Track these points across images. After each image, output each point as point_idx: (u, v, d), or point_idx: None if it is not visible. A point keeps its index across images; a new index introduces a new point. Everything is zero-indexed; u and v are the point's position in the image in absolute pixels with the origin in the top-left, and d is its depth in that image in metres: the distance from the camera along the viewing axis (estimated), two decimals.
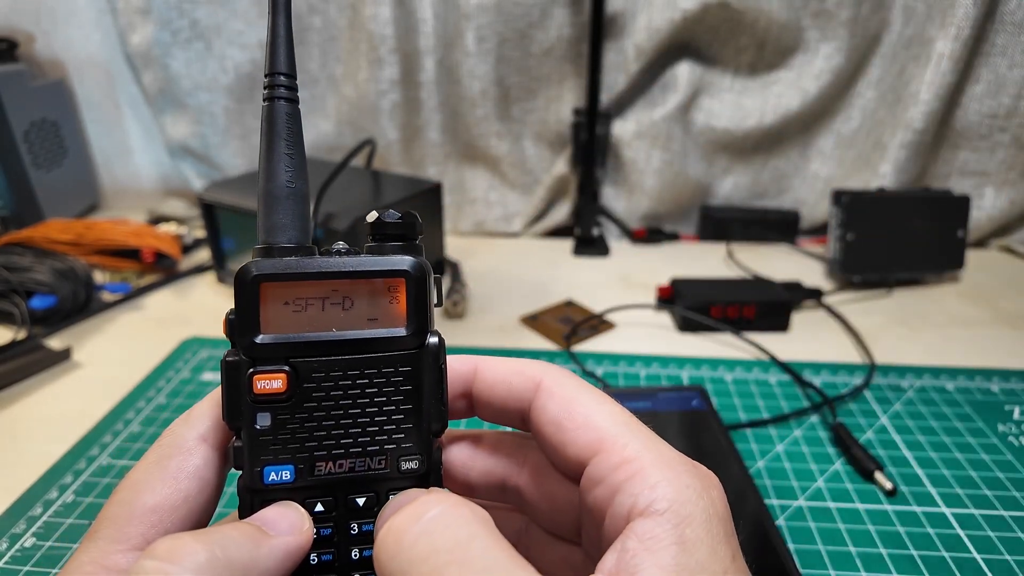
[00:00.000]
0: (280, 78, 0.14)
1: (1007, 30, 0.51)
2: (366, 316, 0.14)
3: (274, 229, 0.14)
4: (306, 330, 0.14)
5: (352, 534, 0.14)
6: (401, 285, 0.14)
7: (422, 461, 0.15)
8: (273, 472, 0.14)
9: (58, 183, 0.59)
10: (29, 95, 0.56)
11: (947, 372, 0.38)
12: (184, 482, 0.13)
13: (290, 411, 0.14)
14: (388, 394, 0.14)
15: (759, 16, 0.51)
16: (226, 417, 0.14)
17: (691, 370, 0.38)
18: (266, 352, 0.14)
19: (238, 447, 0.14)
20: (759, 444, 0.32)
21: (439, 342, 0.15)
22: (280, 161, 0.14)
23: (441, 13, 0.54)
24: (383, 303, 0.14)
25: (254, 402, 0.14)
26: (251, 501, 0.14)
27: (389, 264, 0.14)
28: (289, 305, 0.14)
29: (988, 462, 0.31)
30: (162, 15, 0.56)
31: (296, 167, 0.15)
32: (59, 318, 0.43)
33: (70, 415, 0.34)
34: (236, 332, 0.14)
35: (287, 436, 0.14)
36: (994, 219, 0.57)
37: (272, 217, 0.14)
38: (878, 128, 0.56)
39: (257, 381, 0.14)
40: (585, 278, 0.51)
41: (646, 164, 0.57)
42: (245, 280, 0.14)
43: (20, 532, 0.27)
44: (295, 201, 0.14)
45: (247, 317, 0.14)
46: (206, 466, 0.14)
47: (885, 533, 0.26)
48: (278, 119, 0.14)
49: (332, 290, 0.14)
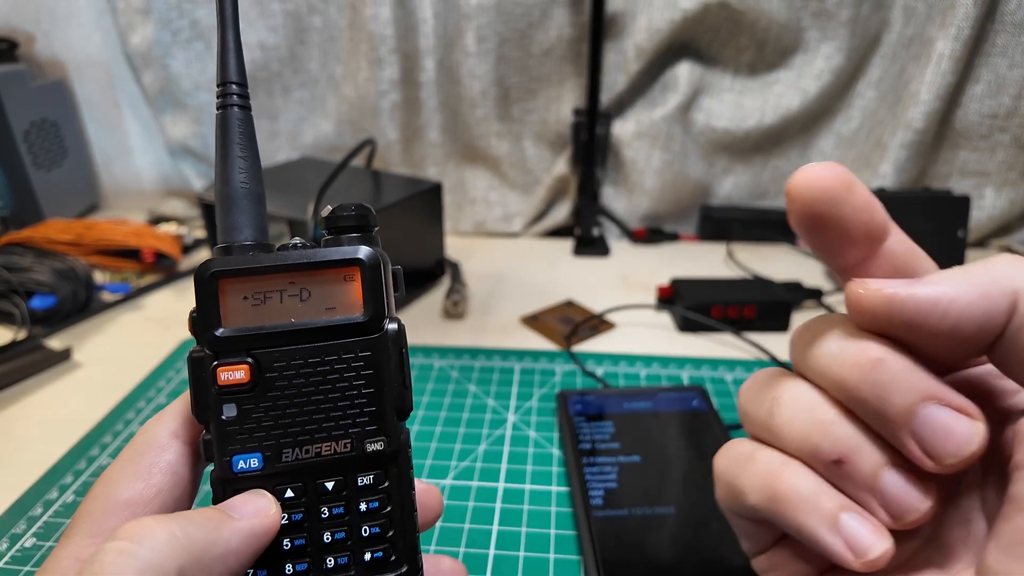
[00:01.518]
0: (232, 87, 0.15)
1: (1007, 30, 0.51)
2: (324, 305, 0.15)
3: (232, 229, 0.15)
4: (266, 322, 0.14)
5: (323, 517, 0.15)
6: (356, 273, 0.15)
7: (388, 442, 0.15)
8: (242, 460, 0.14)
9: (58, 183, 0.60)
10: (29, 95, 0.56)
11: None
12: (157, 477, 0.14)
13: (254, 400, 0.14)
14: (350, 379, 0.15)
15: (759, 16, 0.51)
16: (194, 411, 0.14)
17: (691, 370, 0.38)
18: (228, 345, 0.14)
19: (208, 440, 0.14)
20: None
21: (399, 328, 0.15)
22: (234, 164, 0.15)
23: (441, 13, 0.54)
24: (340, 291, 0.15)
25: (219, 394, 0.14)
26: (223, 491, 0.14)
27: (344, 253, 0.15)
28: (248, 299, 0.14)
29: None
30: (162, 15, 0.56)
31: (250, 169, 0.15)
32: (59, 318, 0.43)
33: (70, 415, 0.34)
34: (198, 328, 0.14)
35: (253, 425, 0.14)
36: (994, 219, 0.57)
37: (229, 218, 0.15)
38: (878, 128, 0.56)
39: (221, 373, 0.14)
40: (585, 278, 0.51)
41: (646, 164, 0.57)
42: (203, 277, 0.14)
43: (20, 532, 0.27)
44: (250, 201, 0.15)
45: (208, 313, 0.14)
46: (179, 461, 0.14)
47: None
48: (231, 125, 0.15)
49: (289, 282, 0.15)
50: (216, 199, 0.15)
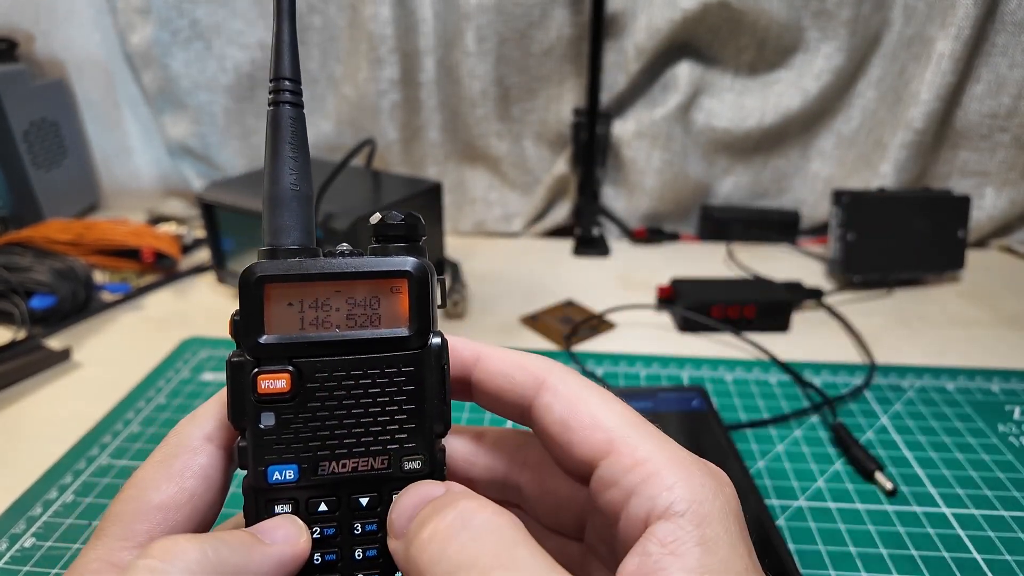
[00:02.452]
0: (285, 83, 0.15)
1: (1008, 30, 0.51)
2: (369, 317, 0.14)
3: (279, 231, 0.15)
4: (310, 330, 0.14)
5: (355, 534, 0.14)
6: (404, 285, 0.14)
7: (425, 461, 0.15)
8: (277, 472, 0.14)
9: (58, 183, 0.59)
10: (29, 95, 0.56)
11: (947, 372, 0.38)
12: (189, 481, 0.14)
13: (294, 411, 0.14)
14: (391, 394, 0.14)
15: (759, 16, 0.51)
16: (231, 417, 0.14)
17: (691, 370, 0.38)
18: (270, 352, 0.14)
19: (243, 447, 0.14)
20: (759, 444, 0.32)
21: (442, 343, 0.15)
22: (285, 164, 0.14)
23: (441, 13, 0.54)
24: (386, 303, 0.14)
25: (258, 402, 0.14)
26: (255, 501, 0.14)
27: (392, 265, 0.14)
28: (293, 306, 0.14)
29: (988, 462, 0.31)
30: (162, 15, 0.56)
31: (300, 170, 0.15)
32: (59, 318, 0.43)
33: (70, 415, 0.34)
34: (240, 333, 0.14)
35: (291, 436, 0.14)
36: (994, 219, 0.57)
37: (277, 219, 0.15)
38: (878, 128, 0.56)
39: (261, 381, 0.14)
40: (585, 278, 0.51)
41: (646, 164, 0.57)
42: (250, 281, 0.14)
43: (20, 532, 0.26)
44: (299, 203, 0.15)
45: (251, 318, 0.14)
46: (211, 465, 0.14)
47: (885, 533, 0.26)
48: (283, 123, 0.15)
49: (335, 291, 0.14)
50: (264, 199, 0.15)
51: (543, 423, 0.15)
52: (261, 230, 0.15)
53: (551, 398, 0.14)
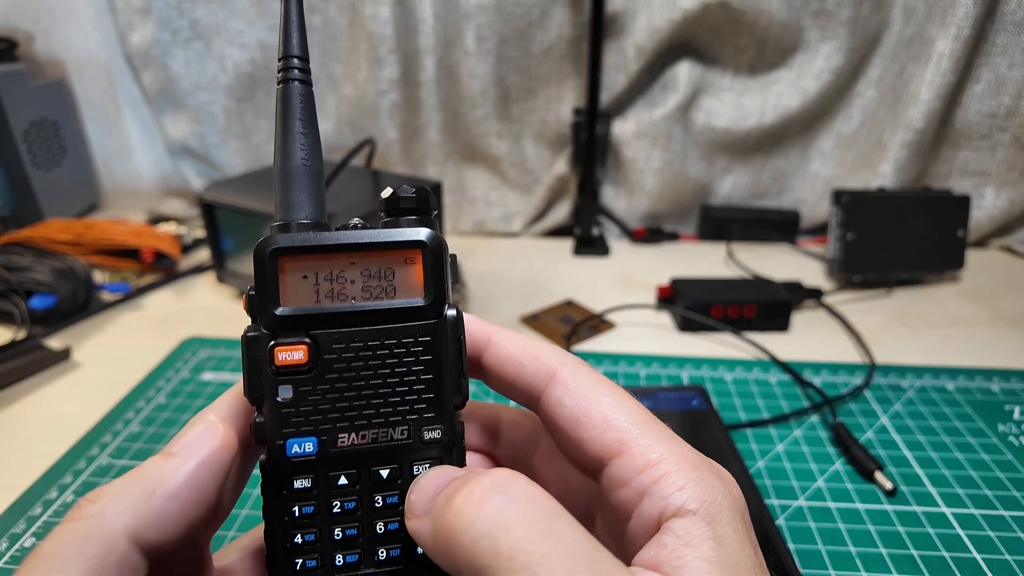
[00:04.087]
0: (294, 60, 0.15)
1: (1007, 30, 0.51)
2: (384, 287, 0.14)
3: (291, 206, 0.15)
4: (325, 302, 0.14)
5: (377, 507, 0.14)
6: (418, 255, 0.14)
7: (444, 431, 0.15)
8: (296, 445, 0.14)
9: (58, 183, 0.59)
10: (29, 95, 0.56)
11: (947, 372, 0.38)
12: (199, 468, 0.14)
13: (312, 383, 0.14)
14: (408, 364, 0.14)
15: (759, 16, 0.51)
16: (247, 392, 0.14)
17: (691, 370, 0.38)
18: (287, 324, 0.14)
19: (260, 423, 0.14)
20: (759, 444, 0.32)
21: (457, 314, 0.15)
22: (295, 140, 0.15)
23: (441, 13, 0.54)
24: (401, 274, 0.14)
25: (275, 374, 0.14)
26: (274, 476, 0.14)
27: (406, 235, 0.14)
28: (308, 278, 0.14)
29: (988, 462, 0.31)
30: (162, 15, 0.56)
31: (310, 146, 0.15)
32: (59, 318, 0.43)
33: (70, 415, 0.34)
34: (256, 306, 0.14)
35: (309, 408, 0.14)
36: (994, 219, 0.57)
37: (289, 195, 0.15)
38: (878, 128, 0.56)
39: (279, 353, 0.14)
40: (585, 278, 0.51)
41: (646, 164, 0.57)
42: (265, 254, 0.14)
43: (20, 532, 0.26)
44: (311, 179, 0.15)
45: (267, 290, 0.14)
46: (225, 449, 0.14)
47: (885, 533, 0.26)
48: (292, 99, 0.15)
49: (350, 262, 0.14)
50: (276, 175, 0.15)
51: (553, 417, 0.15)
52: (274, 206, 0.15)
53: (562, 393, 0.14)
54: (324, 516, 0.14)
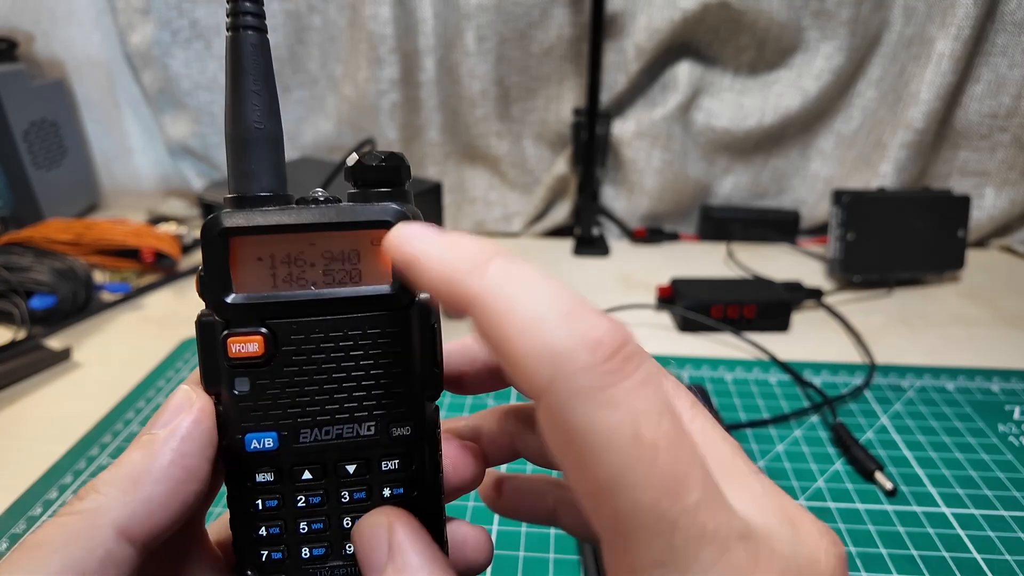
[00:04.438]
0: (245, 4, 0.13)
1: (1007, 30, 0.51)
2: (348, 272, 0.13)
3: (244, 176, 0.13)
4: (283, 288, 0.13)
5: (343, 502, 0.14)
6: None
7: (414, 427, 0.14)
8: (255, 440, 0.13)
9: (58, 183, 0.59)
10: (29, 95, 0.56)
11: (947, 372, 0.38)
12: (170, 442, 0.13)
13: (270, 376, 0.13)
14: (375, 357, 0.13)
15: (759, 16, 0.51)
16: (203, 381, 0.13)
17: (691, 370, 0.38)
18: (239, 313, 0.13)
19: (220, 411, 0.13)
20: (759, 444, 0.32)
21: (430, 299, 0.14)
22: (247, 99, 0.13)
23: (441, 13, 0.54)
24: (367, 258, 0.13)
25: (231, 366, 0.13)
26: (236, 472, 0.13)
27: (372, 213, 0.13)
28: (263, 261, 0.13)
29: (988, 462, 0.31)
30: (162, 15, 0.56)
31: (265, 105, 0.13)
32: (59, 318, 0.43)
33: (70, 415, 0.34)
34: (206, 291, 0.13)
35: (268, 402, 0.13)
36: (994, 219, 0.57)
37: (241, 163, 0.13)
38: (878, 128, 0.56)
39: (232, 344, 0.13)
40: (585, 278, 0.51)
41: (646, 164, 0.57)
42: (213, 234, 0.12)
43: (20, 532, 0.26)
44: (266, 145, 0.13)
45: (217, 275, 0.13)
46: (199, 420, 0.13)
47: (885, 533, 0.26)
48: (244, 52, 0.13)
49: (309, 244, 0.13)
50: (227, 141, 0.13)
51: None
52: (227, 175, 0.13)
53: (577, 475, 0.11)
54: (289, 509, 0.14)
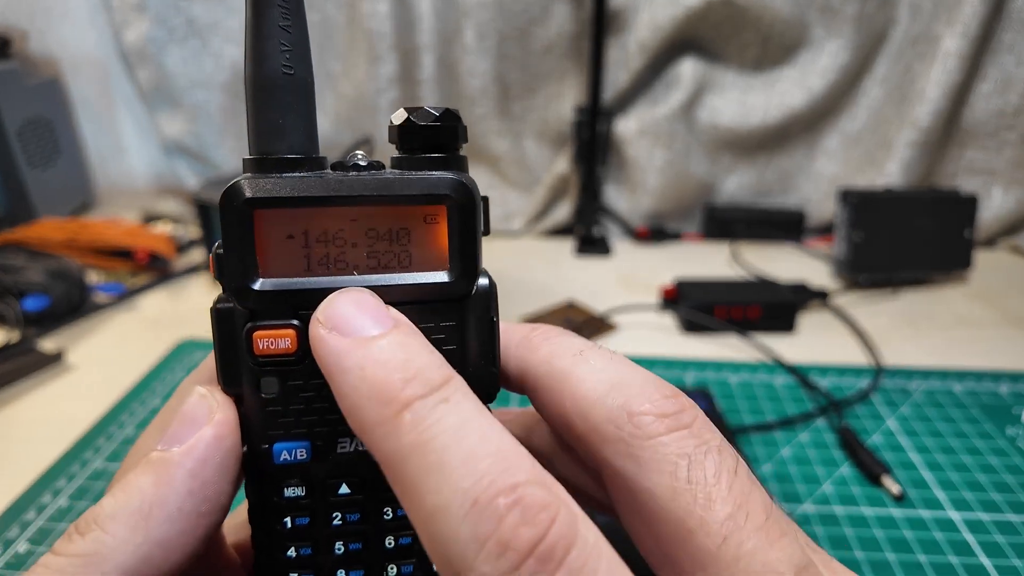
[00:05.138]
0: None
1: (1015, 27, 0.50)
2: (396, 255, 0.11)
3: (269, 133, 0.11)
4: (319, 272, 0.11)
5: (386, 519, 0.12)
6: (441, 213, 0.11)
7: None
8: (286, 451, 0.11)
9: (52, 182, 0.59)
10: (23, 93, 0.55)
11: (955, 374, 0.38)
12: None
13: (304, 376, 0.11)
14: None
15: (763, 12, 0.51)
16: (222, 381, 0.11)
17: (695, 373, 0.38)
18: (268, 302, 0.11)
19: (241, 416, 0.11)
20: (765, 448, 0.31)
21: (490, 286, 0.11)
22: (273, 36, 0.11)
23: (440, 9, 0.53)
24: (418, 237, 0.11)
25: (257, 364, 0.11)
26: (259, 485, 0.11)
27: (427, 185, 0.11)
28: (295, 239, 0.11)
29: (996, 466, 0.30)
30: (157, 12, 0.56)
31: (295, 44, 0.11)
32: (52, 319, 0.42)
33: (64, 418, 0.33)
34: (226, 275, 0.11)
35: (301, 407, 0.11)
36: (1002, 219, 0.56)
37: (266, 116, 0.11)
38: (884, 126, 0.55)
39: (259, 340, 0.11)
40: (587, 278, 0.51)
41: (649, 162, 0.56)
42: (234, 204, 0.10)
43: (13, 537, 0.26)
44: (296, 93, 0.11)
45: (241, 256, 0.11)
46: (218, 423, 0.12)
47: (892, 538, 0.26)
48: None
49: (351, 220, 0.11)
50: (247, 87, 0.11)
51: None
52: (247, 131, 0.11)
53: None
54: (322, 528, 0.12)
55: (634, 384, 0.11)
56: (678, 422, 0.11)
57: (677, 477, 0.10)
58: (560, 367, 0.12)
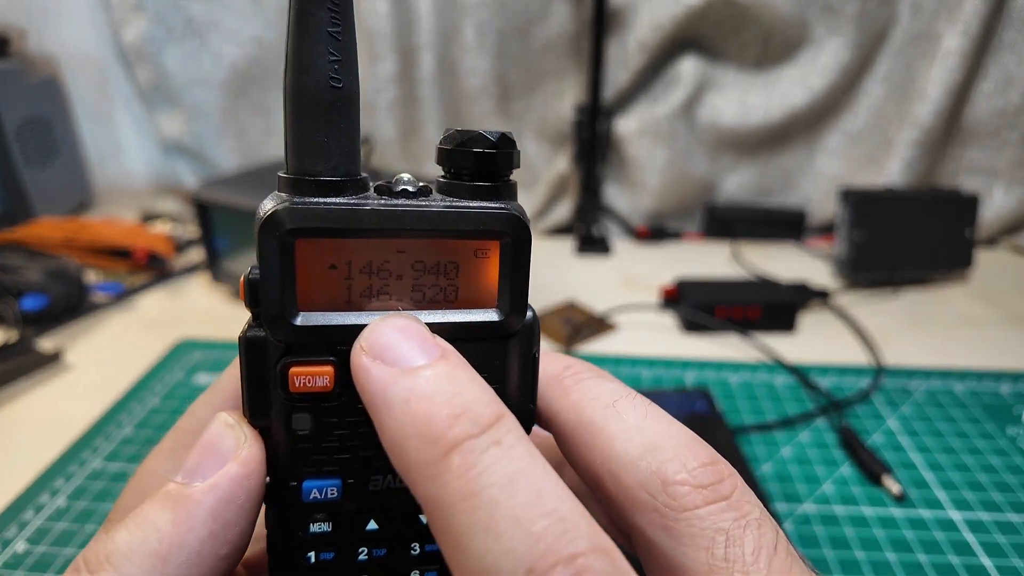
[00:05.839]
0: None
1: (1016, 26, 0.50)
2: (443, 289, 0.11)
3: (311, 152, 0.10)
4: (360, 306, 0.10)
5: (413, 554, 0.11)
6: (494, 249, 0.10)
7: None
8: (316, 489, 0.11)
9: (50, 181, 0.59)
10: (21, 92, 0.55)
11: (955, 374, 0.38)
12: None
13: (339, 414, 0.11)
14: None
15: (764, 10, 0.51)
16: (248, 413, 0.11)
17: (695, 372, 0.38)
18: (306, 337, 0.10)
19: (268, 449, 0.11)
20: (765, 448, 0.31)
21: (533, 321, 0.11)
22: (321, 43, 0.09)
23: (440, 7, 0.53)
24: (467, 272, 0.11)
25: (290, 400, 0.10)
26: (284, 524, 0.11)
27: (481, 220, 0.10)
28: (337, 270, 0.10)
29: (997, 466, 0.30)
30: (156, 11, 0.56)
31: (345, 53, 0.10)
32: (51, 319, 0.42)
33: (62, 418, 0.33)
34: (263, 307, 0.10)
35: (335, 444, 0.11)
36: (1003, 218, 0.56)
37: (307, 131, 0.10)
38: (885, 125, 0.55)
39: (295, 377, 0.10)
40: (587, 277, 0.51)
41: (649, 161, 0.56)
42: (276, 234, 0.09)
43: (11, 537, 0.26)
44: (343, 109, 0.10)
45: (280, 288, 0.10)
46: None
47: (893, 538, 0.26)
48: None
49: (397, 251, 0.10)
50: (287, 99, 0.10)
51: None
52: (284, 148, 0.10)
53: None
54: (347, 563, 0.11)
55: (669, 447, 0.11)
56: (716, 493, 0.10)
57: (714, 554, 0.10)
58: (591, 419, 0.11)
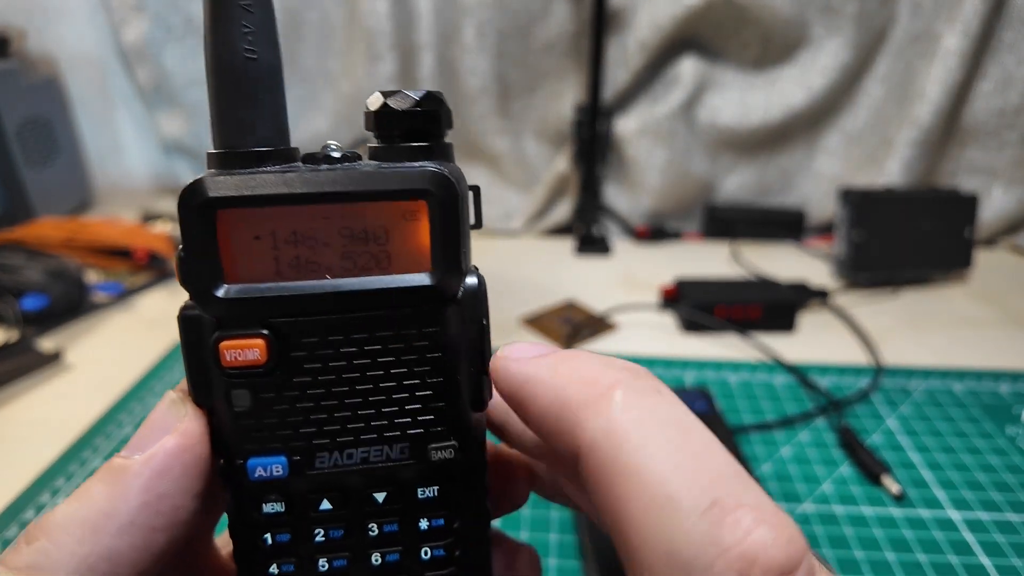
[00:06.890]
0: None
1: (1015, 26, 0.50)
2: (375, 255, 0.10)
3: (233, 125, 0.10)
4: (289, 276, 0.10)
5: (372, 535, 0.11)
6: (422, 210, 0.10)
7: (457, 448, 0.11)
8: (261, 467, 0.11)
9: (50, 181, 0.59)
10: (21, 92, 0.55)
11: (955, 374, 0.38)
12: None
13: (275, 388, 0.10)
14: (409, 364, 0.11)
15: (763, 11, 0.51)
16: (192, 394, 0.11)
17: (695, 372, 0.38)
18: (233, 309, 0.10)
19: (215, 429, 0.11)
20: (764, 447, 0.31)
21: (478, 286, 0.11)
22: (233, 18, 0.09)
23: (440, 7, 0.53)
24: (398, 236, 0.10)
25: (226, 376, 0.10)
26: (238, 504, 0.11)
27: (404, 179, 0.10)
28: (262, 240, 0.10)
29: (997, 465, 0.30)
30: (156, 11, 0.56)
31: (259, 25, 0.10)
32: (51, 319, 0.42)
33: (62, 418, 0.33)
34: (191, 283, 0.10)
35: (275, 420, 0.11)
36: (1002, 218, 0.56)
37: (228, 106, 0.10)
38: (885, 125, 0.55)
39: (226, 351, 0.10)
40: (587, 277, 0.51)
41: (649, 161, 0.56)
42: (193, 204, 0.09)
43: (11, 536, 0.26)
44: (262, 80, 0.10)
45: (203, 259, 0.10)
46: (188, 434, 0.11)
47: (892, 538, 0.26)
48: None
49: (323, 218, 0.10)
50: (208, 76, 0.10)
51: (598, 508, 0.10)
52: (211, 125, 0.10)
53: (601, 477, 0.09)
54: (304, 545, 0.11)
55: None
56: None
57: None
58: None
